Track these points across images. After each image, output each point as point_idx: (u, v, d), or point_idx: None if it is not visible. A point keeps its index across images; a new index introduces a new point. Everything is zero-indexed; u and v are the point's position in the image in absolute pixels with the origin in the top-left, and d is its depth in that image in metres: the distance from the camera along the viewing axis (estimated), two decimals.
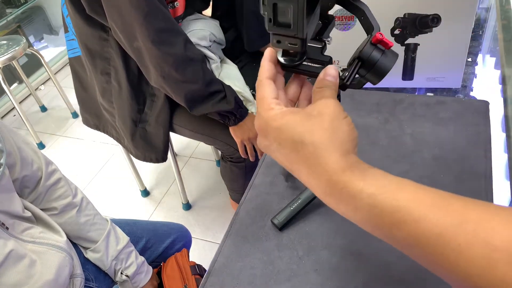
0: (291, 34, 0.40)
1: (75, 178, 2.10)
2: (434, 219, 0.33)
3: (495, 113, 1.02)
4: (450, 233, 0.32)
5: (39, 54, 2.31)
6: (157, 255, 1.06)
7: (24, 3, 2.92)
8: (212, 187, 1.92)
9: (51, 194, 0.84)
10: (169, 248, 1.09)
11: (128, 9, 1.01)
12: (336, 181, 0.38)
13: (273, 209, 0.72)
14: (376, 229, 0.37)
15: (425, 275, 0.59)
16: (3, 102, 2.70)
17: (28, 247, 0.73)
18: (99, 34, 1.18)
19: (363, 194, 0.36)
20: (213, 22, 1.34)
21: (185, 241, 1.14)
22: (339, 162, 0.38)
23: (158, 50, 1.06)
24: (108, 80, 1.26)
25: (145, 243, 1.04)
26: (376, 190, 0.36)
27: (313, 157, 0.39)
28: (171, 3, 1.22)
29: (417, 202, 0.34)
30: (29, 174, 0.80)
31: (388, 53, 0.43)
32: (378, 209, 0.36)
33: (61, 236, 0.81)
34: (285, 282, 0.62)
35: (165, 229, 1.10)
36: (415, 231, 0.34)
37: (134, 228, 1.03)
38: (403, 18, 0.89)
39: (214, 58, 1.31)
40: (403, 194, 0.35)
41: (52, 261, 0.75)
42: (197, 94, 1.14)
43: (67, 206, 0.86)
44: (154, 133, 1.32)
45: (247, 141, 1.26)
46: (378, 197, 0.36)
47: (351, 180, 0.37)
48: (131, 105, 1.27)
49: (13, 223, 0.73)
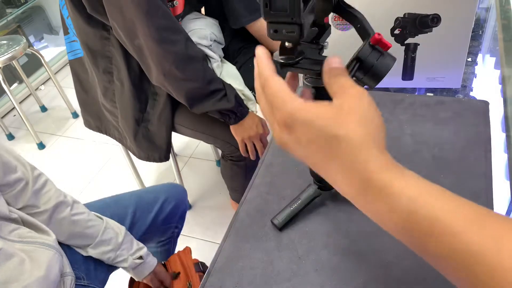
0: (288, 19, 0.39)
1: (75, 178, 2.11)
2: (474, 236, 0.31)
3: (495, 113, 1.03)
4: (487, 254, 0.30)
5: (39, 54, 2.31)
6: (148, 225, 1.04)
7: (24, 3, 2.92)
8: (212, 187, 1.92)
9: (41, 197, 0.84)
10: (159, 214, 1.06)
11: (128, 7, 1.01)
12: (375, 180, 0.35)
13: (273, 209, 0.72)
14: (407, 235, 0.35)
15: (425, 275, 0.59)
16: (3, 102, 2.70)
17: (16, 246, 0.73)
18: (100, 33, 1.18)
19: (403, 196, 0.34)
20: (213, 21, 1.34)
21: (177, 200, 1.11)
22: (378, 160, 0.36)
23: (159, 47, 1.06)
24: (111, 79, 1.26)
25: (131, 219, 1.02)
26: (417, 194, 0.34)
27: (350, 154, 0.36)
28: (171, 2, 1.22)
29: (458, 214, 0.33)
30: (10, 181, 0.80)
31: (386, 55, 0.43)
32: (416, 215, 0.34)
33: (49, 235, 0.82)
34: (285, 282, 0.62)
35: (150, 196, 1.08)
36: (451, 245, 0.32)
37: (115, 209, 1.02)
38: (403, 18, 0.89)
39: (215, 57, 1.31)
40: (443, 203, 0.34)
41: (42, 258, 0.75)
42: (198, 92, 1.14)
43: (60, 206, 0.86)
44: (156, 132, 1.32)
45: (247, 139, 1.26)
46: (418, 202, 0.34)
47: (391, 179, 0.35)
48: (133, 104, 1.27)
49: (0, 224, 0.73)
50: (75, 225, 0.87)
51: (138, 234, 1.01)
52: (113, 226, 0.93)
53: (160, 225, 1.06)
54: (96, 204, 1.00)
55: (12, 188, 0.80)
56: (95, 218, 0.91)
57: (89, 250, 0.89)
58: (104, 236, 0.89)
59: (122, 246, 0.91)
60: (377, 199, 0.36)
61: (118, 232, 0.92)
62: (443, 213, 0.33)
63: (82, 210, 0.90)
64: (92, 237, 0.89)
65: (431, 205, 0.34)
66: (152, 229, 1.05)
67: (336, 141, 0.36)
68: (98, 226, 0.90)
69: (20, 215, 0.80)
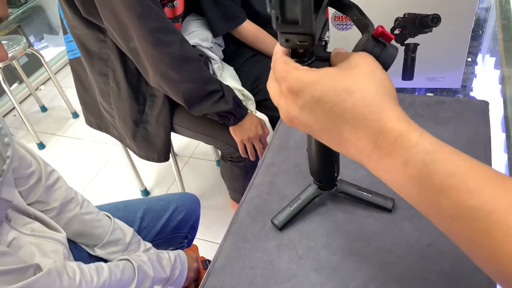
0: (300, 31, 0.38)
1: (75, 178, 2.11)
2: (490, 194, 0.30)
3: (495, 113, 1.02)
4: (503, 213, 0.29)
5: (39, 54, 2.31)
6: (156, 233, 1.04)
7: (24, 3, 2.92)
8: (212, 187, 1.92)
9: (52, 194, 0.85)
10: (169, 222, 1.06)
11: (121, 10, 1.01)
12: (391, 129, 0.34)
13: (273, 209, 0.72)
14: (420, 191, 0.33)
15: (425, 275, 0.59)
16: (3, 102, 2.70)
17: (27, 239, 0.74)
18: (96, 36, 1.18)
19: (419, 148, 0.33)
20: None
21: (187, 210, 1.10)
22: (393, 110, 0.34)
23: (154, 49, 1.06)
24: (106, 81, 1.26)
25: (139, 224, 1.02)
26: (433, 147, 0.33)
27: (363, 104, 0.35)
28: (170, 2, 1.22)
29: (474, 172, 0.32)
30: (25, 174, 0.80)
31: (389, 46, 0.43)
32: (431, 168, 0.32)
33: (60, 231, 0.82)
34: (285, 282, 0.62)
35: (161, 203, 1.07)
36: (466, 202, 0.30)
37: (125, 212, 1.02)
38: (403, 18, 0.88)
39: (216, 59, 1.31)
40: (460, 160, 0.32)
41: (50, 251, 0.76)
42: (195, 93, 1.14)
43: (70, 204, 0.86)
44: (155, 133, 1.32)
45: (247, 140, 1.26)
46: (434, 156, 0.32)
47: (408, 130, 0.34)
48: (131, 106, 1.27)
49: (16, 217, 0.74)
50: (83, 223, 0.87)
51: (146, 240, 1.01)
52: (122, 226, 0.93)
53: (169, 233, 1.06)
54: (104, 207, 1.00)
55: (27, 182, 0.81)
56: (104, 218, 0.91)
57: (96, 250, 0.89)
58: (112, 237, 0.89)
59: (129, 247, 0.91)
60: (391, 150, 0.34)
61: (126, 233, 0.92)
62: (459, 169, 0.32)
63: (92, 209, 0.90)
64: (100, 237, 0.89)
65: (448, 160, 0.32)
66: (162, 237, 1.05)
67: (348, 93, 0.35)
68: (107, 227, 0.90)
69: (33, 211, 0.80)
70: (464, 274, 0.58)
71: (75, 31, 1.22)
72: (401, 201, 0.68)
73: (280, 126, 0.91)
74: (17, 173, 0.78)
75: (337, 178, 0.67)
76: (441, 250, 0.61)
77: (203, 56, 1.27)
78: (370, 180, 0.72)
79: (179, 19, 1.28)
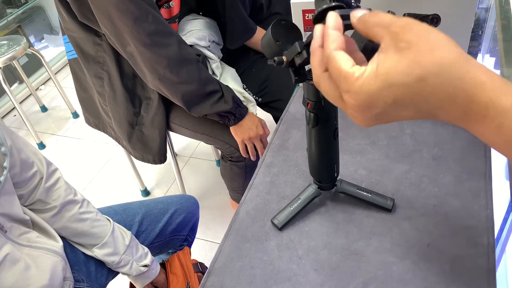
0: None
1: (75, 178, 2.11)
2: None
3: None
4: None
5: (40, 54, 2.31)
6: (155, 236, 1.04)
7: (25, 3, 2.92)
8: (212, 187, 1.92)
9: (52, 194, 0.85)
10: (168, 225, 1.06)
11: (117, 15, 1.01)
12: (478, 101, 0.33)
13: (273, 209, 0.73)
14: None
15: (425, 275, 0.59)
16: (4, 102, 2.70)
17: (24, 251, 0.74)
18: (92, 39, 1.19)
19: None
20: (211, 22, 1.33)
21: (187, 213, 1.10)
22: (472, 74, 0.33)
23: (151, 52, 1.06)
24: (101, 84, 1.27)
25: (137, 227, 1.02)
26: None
27: (441, 89, 0.33)
28: (167, 3, 1.22)
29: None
30: (27, 177, 0.80)
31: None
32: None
33: (57, 241, 0.82)
34: (285, 282, 0.62)
35: (160, 206, 1.07)
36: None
37: (124, 216, 1.02)
38: None
39: (214, 58, 1.31)
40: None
41: (47, 265, 0.76)
42: (194, 94, 1.14)
43: (69, 204, 0.86)
44: (150, 135, 1.32)
45: (247, 140, 1.26)
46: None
47: (497, 95, 0.33)
48: (127, 108, 1.27)
49: (11, 226, 0.73)
50: (82, 223, 0.87)
51: (145, 243, 1.01)
52: (120, 230, 0.94)
53: (168, 236, 1.06)
54: (103, 210, 1.00)
55: (28, 184, 0.80)
56: (103, 219, 0.91)
57: (95, 250, 0.89)
58: (110, 238, 0.89)
59: (127, 251, 0.91)
60: (485, 116, 0.33)
61: (124, 236, 0.93)
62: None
63: (91, 209, 0.91)
64: (99, 237, 0.89)
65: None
66: (160, 239, 1.05)
67: (420, 81, 0.34)
68: (106, 227, 0.90)
69: (32, 217, 0.80)
70: (464, 274, 0.58)
71: (72, 34, 1.22)
72: (401, 201, 0.68)
73: (280, 126, 0.91)
74: (18, 177, 0.78)
75: (337, 178, 0.68)
76: (440, 250, 0.61)
77: (201, 56, 1.27)
78: (370, 180, 0.72)
79: (176, 20, 1.28)
